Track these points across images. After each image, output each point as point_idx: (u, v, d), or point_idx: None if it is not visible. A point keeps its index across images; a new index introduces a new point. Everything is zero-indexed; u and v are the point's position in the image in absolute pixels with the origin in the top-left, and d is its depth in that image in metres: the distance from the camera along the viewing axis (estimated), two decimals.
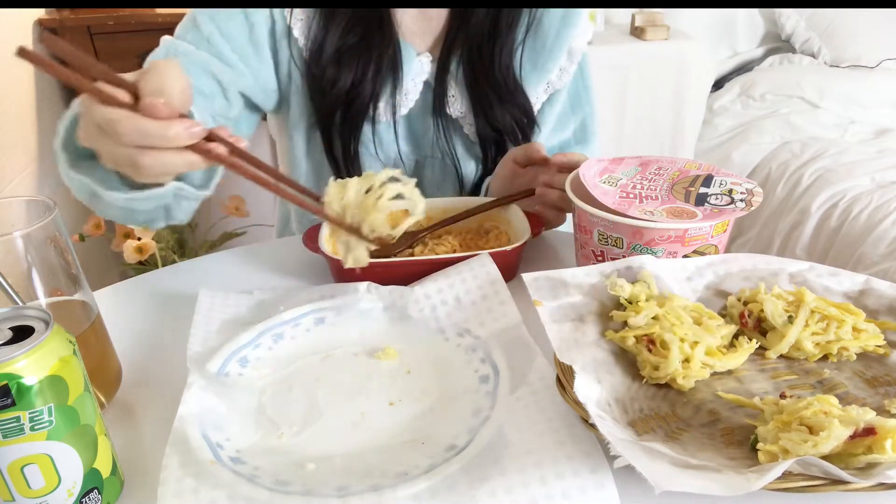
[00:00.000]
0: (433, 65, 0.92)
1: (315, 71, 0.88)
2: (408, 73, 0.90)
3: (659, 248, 0.65)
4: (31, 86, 1.66)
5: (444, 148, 0.95)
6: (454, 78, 0.92)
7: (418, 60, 0.91)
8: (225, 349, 0.62)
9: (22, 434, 0.42)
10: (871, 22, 2.46)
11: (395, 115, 0.92)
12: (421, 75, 0.92)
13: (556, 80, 0.96)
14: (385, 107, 0.91)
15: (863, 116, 2.22)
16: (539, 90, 0.96)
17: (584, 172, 0.73)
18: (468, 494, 0.47)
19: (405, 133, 0.95)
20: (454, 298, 0.68)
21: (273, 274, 0.80)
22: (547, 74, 0.94)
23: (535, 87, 0.95)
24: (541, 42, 0.93)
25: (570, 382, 0.51)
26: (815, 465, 0.42)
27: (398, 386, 0.60)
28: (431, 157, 0.97)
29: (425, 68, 0.92)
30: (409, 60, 0.90)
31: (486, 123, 0.93)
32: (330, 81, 0.87)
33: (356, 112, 0.89)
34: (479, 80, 0.91)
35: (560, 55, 0.94)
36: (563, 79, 0.96)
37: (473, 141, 0.95)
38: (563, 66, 0.95)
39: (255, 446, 0.53)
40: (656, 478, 0.41)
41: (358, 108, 0.89)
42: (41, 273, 0.53)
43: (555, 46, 0.93)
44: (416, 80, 0.92)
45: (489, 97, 0.92)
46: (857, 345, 0.59)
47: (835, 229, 1.76)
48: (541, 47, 0.93)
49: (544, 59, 0.93)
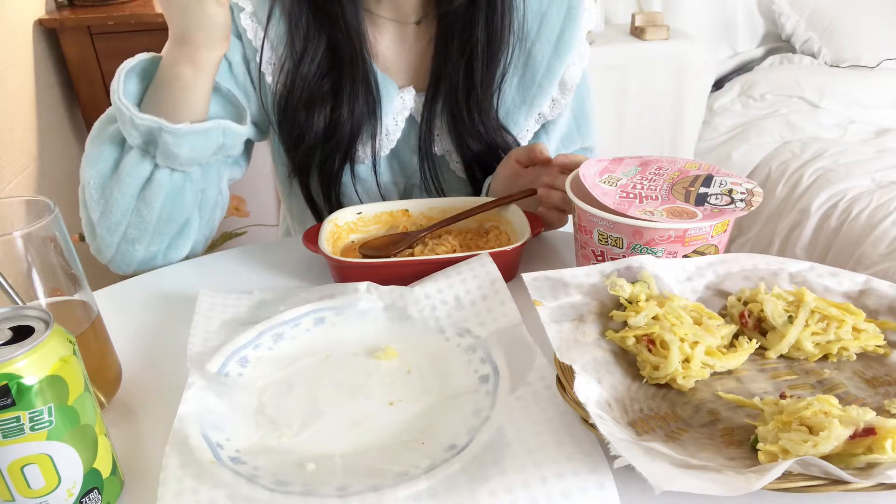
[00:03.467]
0: (417, 100, 0.89)
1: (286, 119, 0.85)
2: (388, 112, 0.87)
3: (659, 248, 0.65)
4: (31, 86, 1.66)
5: (429, 182, 0.92)
6: (440, 118, 0.88)
7: (400, 97, 0.88)
8: (225, 349, 0.62)
9: (22, 434, 0.42)
10: (871, 22, 2.46)
11: (376, 156, 0.88)
12: (403, 112, 0.88)
13: (548, 111, 0.93)
14: (364, 150, 0.88)
15: (863, 116, 2.22)
16: (530, 122, 0.92)
17: (584, 172, 0.73)
18: (468, 494, 0.47)
19: (388, 171, 0.92)
20: (454, 298, 0.68)
21: (273, 274, 0.80)
22: (537, 108, 0.91)
23: (526, 121, 0.92)
24: (531, 75, 0.89)
25: (570, 382, 0.51)
26: (815, 466, 0.42)
27: (398, 386, 0.60)
28: (418, 186, 0.94)
29: (408, 105, 0.88)
30: (390, 98, 0.86)
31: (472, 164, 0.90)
32: (301, 129, 0.85)
33: (334, 159, 0.86)
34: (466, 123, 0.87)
35: (551, 88, 0.90)
36: (555, 111, 0.93)
37: (461, 177, 0.92)
38: (555, 97, 0.92)
39: (255, 446, 0.53)
40: (656, 478, 0.41)
41: (336, 155, 0.86)
42: (41, 273, 0.53)
43: (545, 79, 0.89)
44: (398, 118, 0.88)
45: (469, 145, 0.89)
46: (857, 345, 0.59)
47: (835, 229, 1.76)
48: (531, 81, 0.89)
49: (534, 94, 0.90)
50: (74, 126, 1.88)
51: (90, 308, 0.57)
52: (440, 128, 0.89)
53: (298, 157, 0.88)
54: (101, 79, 1.76)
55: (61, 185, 1.78)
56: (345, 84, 0.84)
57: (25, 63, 1.65)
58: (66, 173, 1.82)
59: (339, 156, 0.87)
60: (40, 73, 1.70)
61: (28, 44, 1.66)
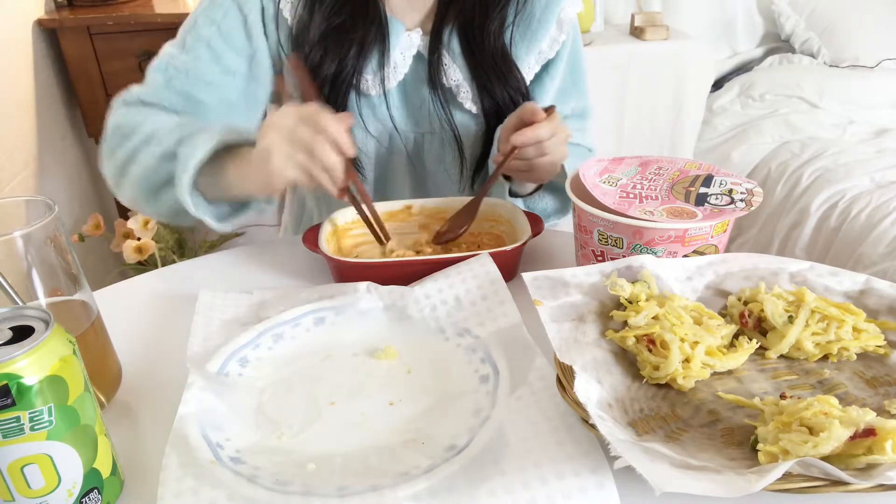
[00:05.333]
0: (424, 39, 0.92)
1: (300, 53, 0.88)
2: (395, 47, 0.90)
3: (659, 248, 0.65)
4: (31, 86, 1.66)
5: (441, 119, 0.94)
6: (447, 48, 0.92)
7: (407, 35, 0.91)
8: (225, 349, 0.62)
9: (22, 434, 0.42)
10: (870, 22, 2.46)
11: (385, 87, 0.91)
12: (410, 49, 0.92)
13: (547, 49, 0.96)
14: (373, 80, 0.91)
15: (862, 116, 2.21)
16: (530, 60, 0.95)
17: (585, 172, 0.73)
18: (468, 494, 0.47)
19: (400, 106, 0.94)
20: (454, 298, 0.68)
21: (273, 274, 0.80)
22: (537, 44, 0.94)
23: (526, 58, 0.95)
24: (530, 13, 0.93)
25: (570, 382, 0.51)
26: (815, 466, 0.42)
27: (398, 386, 0.60)
28: (430, 132, 0.96)
29: (415, 42, 0.92)
30: (397, 35, 0.90)
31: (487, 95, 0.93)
32: (314, 64, 0.88)
33: (340, 84, 0.89)
34: (475, 53, 0.91)
35: (550, 25, 0.94)
36: (553, 48, 0.96)
37: (470, 111, 0.94)
38: (553, 35, 0.95)
39: (255, 446, 0.53)
40: (657, 479, 0.41)
41: (342, 80, 0.89)
42: (41, 273, 0.53)
43: (544, 16, 0.93)
44: (406, 53, 0.92)
45: (486, 73, 0.92)
46: (857, 345, 0.59)
47: (834, 229, 1.76)
48: (530, 18, 0.93)
49: (534, 30, 0.93)
50: (74, 126, 1.88)
51: (90, 308, 0.57)
52: (449, 58, 0.92)
53: None
54: (100, 79, 1.76)
55: (61, 185, 1.77)
56: (357, 19, 0.88)
57: (25, 63, 1.65)
58: (66, 173, 1.82)
59: (345, 84, 0.90)
60: (40, 74, 1.70)
61: (27, 44, 1.66)
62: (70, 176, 1.83)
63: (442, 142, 0.96)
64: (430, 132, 0.96)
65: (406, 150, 0.97)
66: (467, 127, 0.96)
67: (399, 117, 0.94)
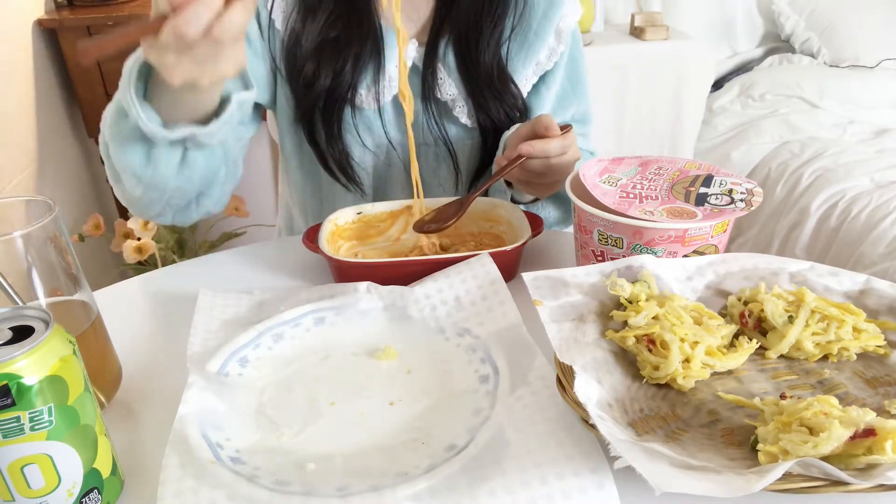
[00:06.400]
0: (419, 50, 0.91)
1: (293, 65, 0.88)
2: (390, 59, 0.89)
3: (659, 248, 0.65)
4: (30, 86, 1.66)
5: (436, 133, 0.93)
6: (443, 62, 0.91)
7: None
8: (225, 349, 0.62)
9: (22, 434, 0.42)
10: (870, 22, 2.46)
11: (380, 101, 0.91)
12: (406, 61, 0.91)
13: (545, 60, 0.95)
14: (368, 93, 0.90)
15: (862, 116, 2.22)
16: (528, 72, 0.95)
17: (585, 172, 0.73)
18: (468, 494, 0.47)
19: (394, 120, 0.94)
20: (454, 298, 0.68)
21: (273, 274, 0.80)
22: (535, 56, 0.94)
23: (523, 70, 0.94)
24: (527, 24, 0.92)
25: (570, 382, 0.51)
26: (815, 466, 0.42)
27: (398, 386, 0.60)
28: (424, 143, 0.95)
29: (410, 54, 0.91)
30: (393, 46, 0.89)
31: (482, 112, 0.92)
32: (307, 77, 0.87)
33: (336, 98, 0.89)
34: (470, 69, 0.90)
35: (548, 36, 0.93)
36: (551, 59, 0.95)
37: (466, 125, 0.94)
38: (551, 46, 0.95)
39: (255, 446, 0.53)
40: (656, 479, 0.41)
41: (338, 94, 0.89)
42: (41, 273, 0.53)
43: (541, 27, 0.92)
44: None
45: (481, 90, 0.91)
46: (857, 345, 0.59)
47: (834, 229, 1.76)
48: (527, 29, 0.92)
49: (531, 41, 0.93)
50: (74, 126, 1.88)
51: (90, 308, 0.57)
52: (444, 72, 0.91)
53: (304, 102, 0.90)
54: (100, 79, 1.76)
55: (61, 185, 1.77)
56: (352, 32, 0.87)
57: (25, 63, 1.65)
58: (66, 173, 1.82)
59: (339, 99, 0.89)
60: (40, 73, 1.70)
61: (28, 44, 1.66)
62: (70, 176, 1.83)
63: (437, 156, 0.96)
64: (424, 143, 0.95)
65: (403, 164, 0.96)
66: (462, 141, 0.95)
67: (393, 130, 0.94)
